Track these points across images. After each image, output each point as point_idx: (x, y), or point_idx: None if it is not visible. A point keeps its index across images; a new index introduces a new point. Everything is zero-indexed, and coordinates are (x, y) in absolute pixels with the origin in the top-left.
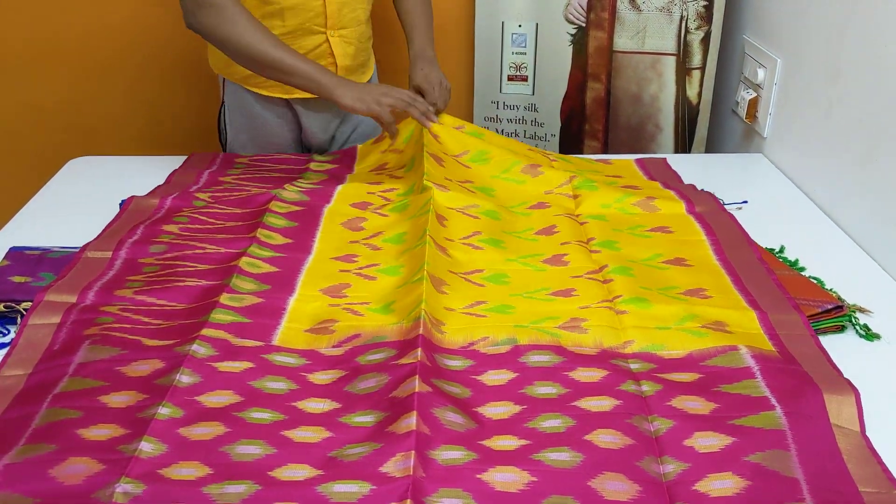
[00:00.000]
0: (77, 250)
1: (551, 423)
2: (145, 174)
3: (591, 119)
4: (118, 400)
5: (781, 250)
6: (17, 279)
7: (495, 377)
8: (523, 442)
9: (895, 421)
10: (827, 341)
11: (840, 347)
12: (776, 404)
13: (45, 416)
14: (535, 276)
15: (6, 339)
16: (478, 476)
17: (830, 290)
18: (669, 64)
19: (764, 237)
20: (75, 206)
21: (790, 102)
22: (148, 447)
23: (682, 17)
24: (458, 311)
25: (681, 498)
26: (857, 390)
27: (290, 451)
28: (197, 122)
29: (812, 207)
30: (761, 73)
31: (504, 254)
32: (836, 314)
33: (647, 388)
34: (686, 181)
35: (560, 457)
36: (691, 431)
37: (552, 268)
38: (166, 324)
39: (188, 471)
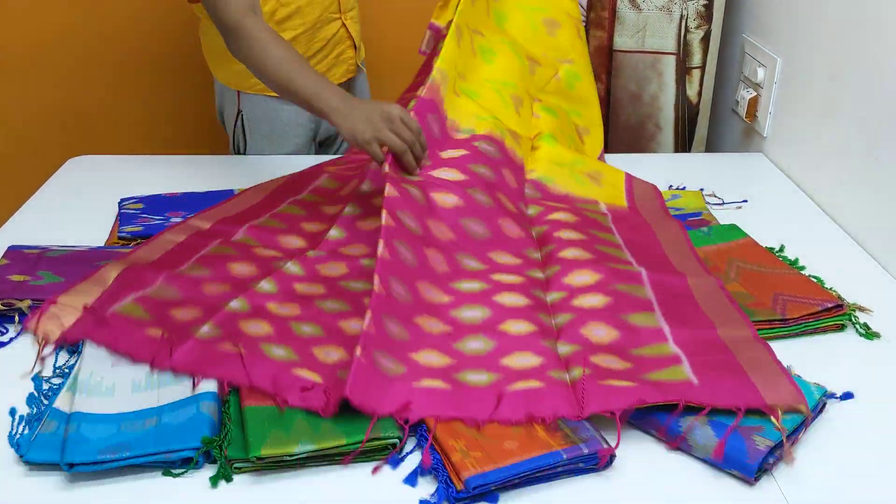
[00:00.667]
0: (76, 250)
1: (472, 313)
2: (144, 173)
3: None
4: (239, 270)
5: (781, 249)
6: (15, 278)
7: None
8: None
9: (895, 420)
10: (827, 340)
11: (840, 347)
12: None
13: (186, 269)
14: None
15: (4, 339)
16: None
17: (830, 288)
18: (669, 63)
19: (764, 236)
20: (74, 205)
21: (790, 102)
22: (236, 305)
23: (682, 17)
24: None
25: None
26: (684, 228)
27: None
28: (197, 122)
29: (812, 206)
30: (761, 73)
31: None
32: (836, 313)
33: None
34: (686, 181)
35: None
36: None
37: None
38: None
39: (257, 327)
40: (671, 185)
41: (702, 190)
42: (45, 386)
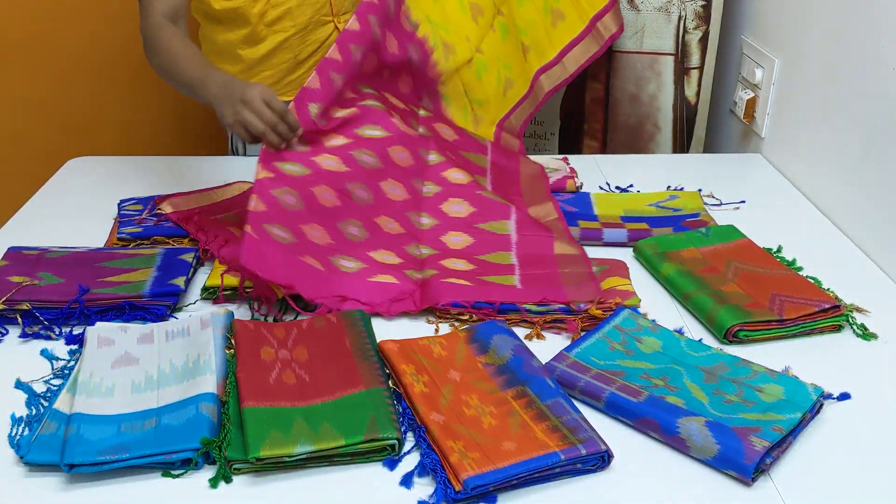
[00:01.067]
0: (76, 251)
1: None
2: (144, 174)
3: (589, 119)
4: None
5: (779, 250)
6: (15, 279)
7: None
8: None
9: (892, 420)
10: (824, 341)
11: (837, 347)
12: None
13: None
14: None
15: (4, 340)
16: None
17: (827, 289)
18: (668, 64)
19: (761, 237)
20: (74, 206)
21: (788, 103)
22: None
23: (680, 17)
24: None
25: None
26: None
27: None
28: (196, 123)
29: (809, 207)
30: (759, 74)
31: None
32: (834, 314)
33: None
34: (684, 181)
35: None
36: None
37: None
38: None
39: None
40: (669, 186)
41: (699, 191)
42: (44, 388)
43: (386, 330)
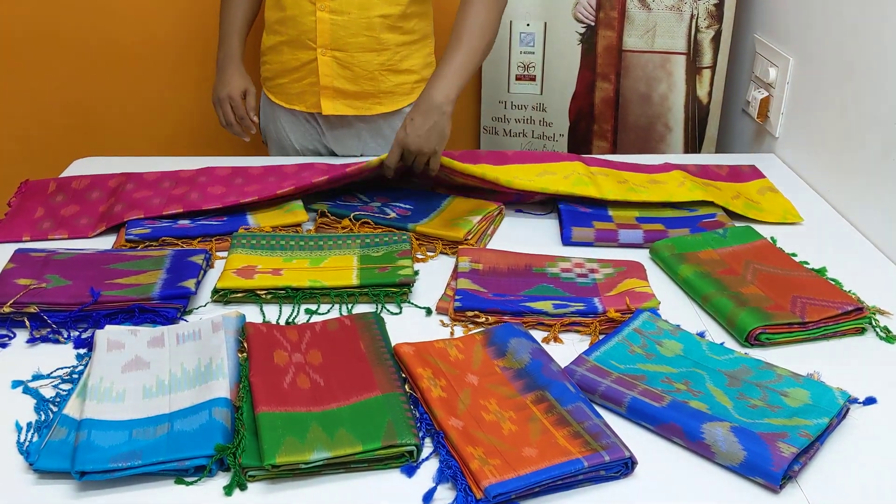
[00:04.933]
0: (83, 253)
1: None
2: None
3: (599, 119)
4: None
5: (793, 255)
6: (22, 282)
7: None
8: None
9: None
10: (846, 344)
11: (860, 350)
12: None
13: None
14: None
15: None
16: None
17: (849, 291)
18: (679, 63)
19: (777, 238)
20: None
21: (803, 101)
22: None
23: (692, 16)
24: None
25: None
26: None
27: None
28: (202, 122)
29: (826, 208)
30: (773, 72)
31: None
32: (857, 316)
33: None
34: None
35: None
36: None
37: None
38: None
39: None
40: None
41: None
42: (53, 392)
43: (400, 333)
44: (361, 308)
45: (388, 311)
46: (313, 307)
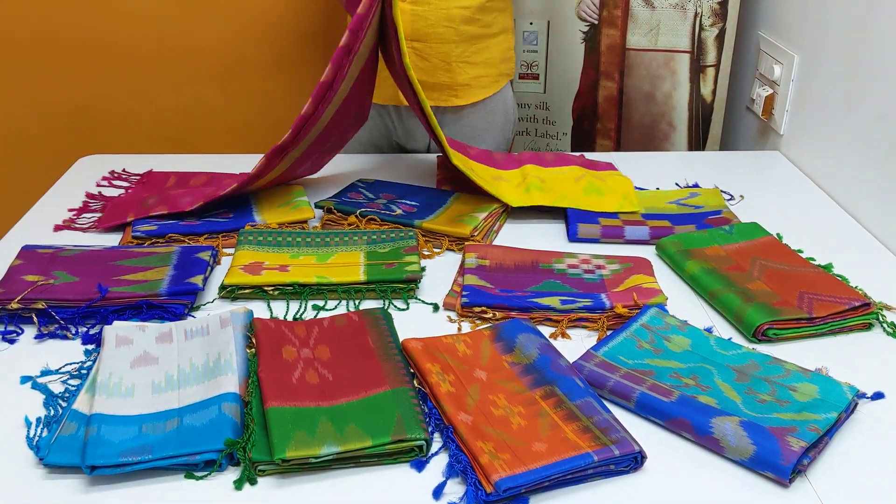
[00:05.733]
0: (90, 249)
1: None
2: None
3: (603, 118)
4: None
5: (800, 251)
6: (30, 278)
7: None
8: None
9: None
10: (853, 339)
11: (867, 346)
12: None
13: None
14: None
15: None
16: None
17: (855, 287)
18: (683, 61)
19: (783, 235)
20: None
21: (808, 99)
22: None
23: (696, 14)
24: None
25: None
26: None
27: None
28: (206, 121)
29: (832, 204)
30: (777, 70)
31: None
32: (864, 312)
33: None
34: (701, 179)
35: None
36: None
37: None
38: None
39: None
40: (678, 184)
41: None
42: (61, 388)
43: (407, 329)
44: (368, 304)
45: (395, 307)
46: (320, 303)
